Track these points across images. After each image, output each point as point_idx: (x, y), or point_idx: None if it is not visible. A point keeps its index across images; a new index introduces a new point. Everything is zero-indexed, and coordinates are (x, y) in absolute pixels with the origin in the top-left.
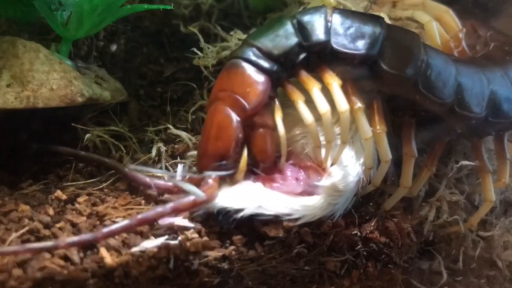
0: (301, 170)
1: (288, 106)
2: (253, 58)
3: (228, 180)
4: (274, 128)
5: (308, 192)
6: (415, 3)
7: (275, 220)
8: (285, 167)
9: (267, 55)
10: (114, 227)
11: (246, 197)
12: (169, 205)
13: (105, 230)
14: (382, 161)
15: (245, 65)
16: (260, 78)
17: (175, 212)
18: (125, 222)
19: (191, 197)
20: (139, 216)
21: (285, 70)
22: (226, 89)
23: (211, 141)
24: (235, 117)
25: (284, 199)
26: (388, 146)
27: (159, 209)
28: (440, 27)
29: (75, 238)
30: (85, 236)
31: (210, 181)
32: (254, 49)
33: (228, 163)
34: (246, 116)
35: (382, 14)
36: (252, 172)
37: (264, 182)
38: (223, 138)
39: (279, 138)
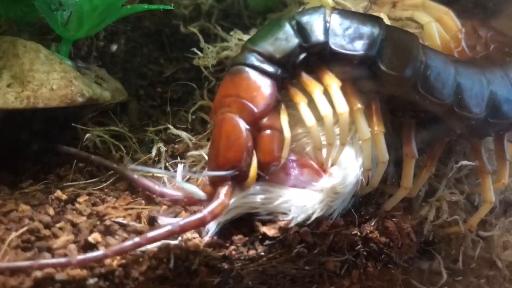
0: (296, 167)
1: (290, 106)
2: (257, 63)
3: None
4: (281, 130)
5: (300, 188)
6: (415, 3)
7: (275, 220)
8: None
9: (269, 59)
10: (123, 245)
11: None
12: (178, 224)
13: (115, 248)
14: (379, 162)
15: (249, 70)
16: (266, 82)
17: (184, 231)
18: (135, 240)
19: (198, 215)
20: (150, 235)
21: (287, 72)
22: (231, 95)
23: (221, 152)
24: (243, 125)
25: (281, 194)
26: (385, 147)
27: (168, 228)
28: (440, 27)
29: (86, 256)
30: (96, 254)
31: (221, 197)
32: (256, 54)
33: (240, 173)
34: (254, 120)
35: (381, 15)
36: None
37: None
38: (233, 148)
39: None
